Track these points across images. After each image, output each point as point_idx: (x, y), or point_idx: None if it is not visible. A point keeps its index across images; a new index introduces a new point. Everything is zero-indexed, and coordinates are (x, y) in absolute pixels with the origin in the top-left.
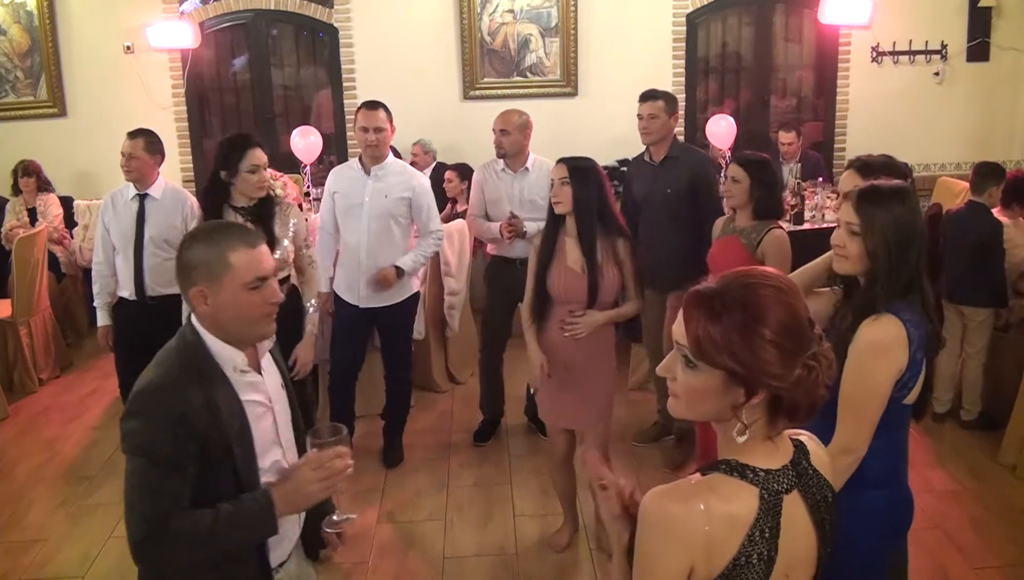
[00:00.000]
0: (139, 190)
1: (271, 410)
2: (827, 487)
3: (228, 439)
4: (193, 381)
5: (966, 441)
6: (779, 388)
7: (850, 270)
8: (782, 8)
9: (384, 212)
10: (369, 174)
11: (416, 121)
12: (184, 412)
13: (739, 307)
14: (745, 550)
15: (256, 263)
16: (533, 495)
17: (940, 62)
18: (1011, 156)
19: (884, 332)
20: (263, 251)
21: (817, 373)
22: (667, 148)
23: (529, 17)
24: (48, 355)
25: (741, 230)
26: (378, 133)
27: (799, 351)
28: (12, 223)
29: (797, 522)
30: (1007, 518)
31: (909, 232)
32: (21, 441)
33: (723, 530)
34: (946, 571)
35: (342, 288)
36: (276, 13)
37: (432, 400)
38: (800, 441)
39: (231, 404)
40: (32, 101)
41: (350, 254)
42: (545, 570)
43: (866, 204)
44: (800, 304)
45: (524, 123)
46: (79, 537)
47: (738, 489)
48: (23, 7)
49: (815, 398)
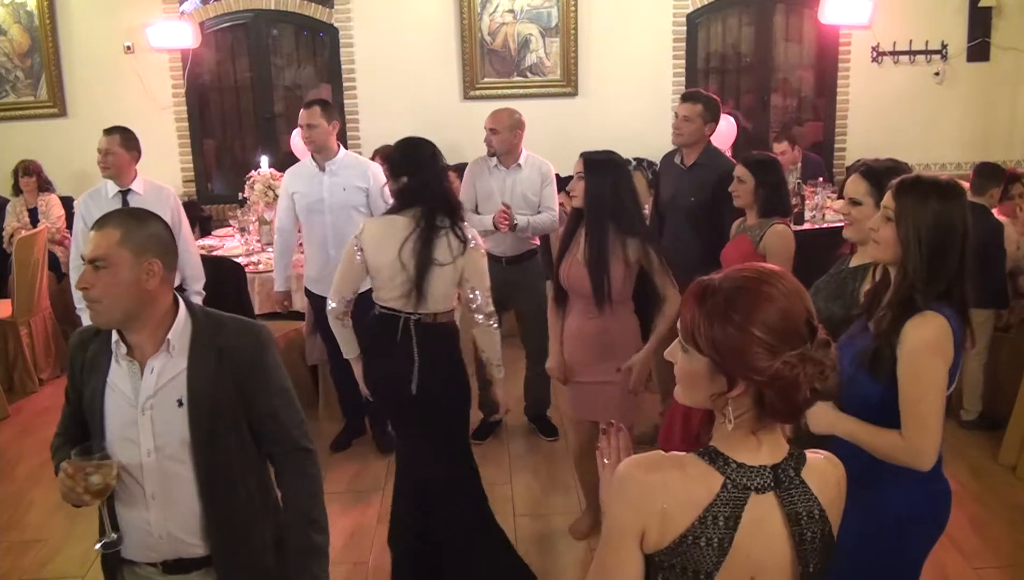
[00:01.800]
0: (120, 187)
1: (134, 408)
2: (814, 503)
3: (80, 400)
4: (92, 338)
5: (966, 441)
6: (757, 382)
7: (882, 257)
8: (782, 8)
9: (344, 204)
10: (324, 170)
11: (416, 121)
12: (72, 357)
13: (723, 297)
14: (695, 530)
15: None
16: (533, 495)
17: (940, 62)
18: (1011, 156)
19: (934, 329)
20: (92, 234)
21: (799, 373)
22: (698, 153)
23: (529, 17)
24: (48, 355)
25: (749, 228)
26: (311, 130)
27: (780, 348)
28: (13, 224)
29: (766, 525)
30: (1007, 518)
31: (947, 229)
32: (21, 441)
33: (678, 505)
34: (946, 571)
35: (314, 283)
36: (276, 13)
37: None
38: (800, 452)
39: (98, 374)
40: (32, 101)
41: (318, 250)
42: (545, 570)
43: (905, 192)
44: (795, 303)
45: (515, 122)
46: (79, 537)
47: (704, 473)
48: (23, 7)
49: (794, 398)
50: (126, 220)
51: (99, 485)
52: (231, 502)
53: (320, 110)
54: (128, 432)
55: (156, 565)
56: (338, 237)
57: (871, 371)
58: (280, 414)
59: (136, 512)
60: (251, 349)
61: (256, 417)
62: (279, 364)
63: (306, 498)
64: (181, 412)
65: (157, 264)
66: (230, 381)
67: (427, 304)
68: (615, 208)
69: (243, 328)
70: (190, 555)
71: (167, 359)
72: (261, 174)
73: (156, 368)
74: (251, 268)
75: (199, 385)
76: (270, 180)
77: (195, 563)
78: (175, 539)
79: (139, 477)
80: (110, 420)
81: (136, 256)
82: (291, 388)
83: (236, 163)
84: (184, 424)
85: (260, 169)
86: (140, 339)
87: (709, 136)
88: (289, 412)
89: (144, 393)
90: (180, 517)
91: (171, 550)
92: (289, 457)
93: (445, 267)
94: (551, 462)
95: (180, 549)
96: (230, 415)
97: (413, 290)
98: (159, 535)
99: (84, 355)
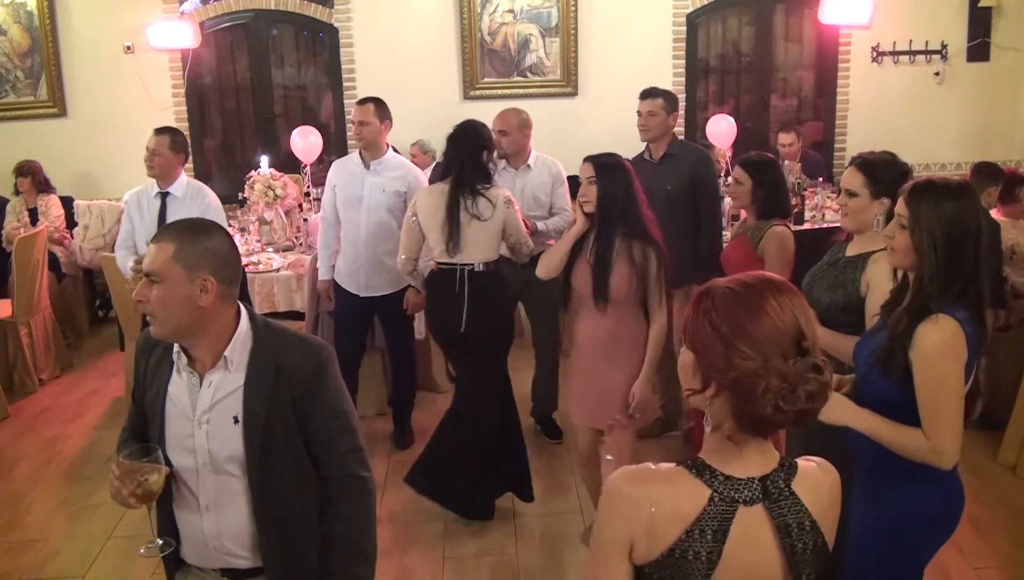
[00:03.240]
0: (161, 188)
1: (190, 421)
2: (805, 514)
3: (143, 404)
4: (157, 345)
5: (966, 441)
6: (720, 384)
7: (898, 264)
8: (782, 8)
9: (381, 205)
10: (368, 169)
11: (416, 121)
12: (138, 359)
13: (716, 299)
14: (682, 543)
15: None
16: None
17: (940, 62)
18: (1011, 156)
19: (946, 332)
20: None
21: (762, 383)
22: (666, 146)
23: (529, 17)
24: (48, 355)
25: (748, 229)
26: (362, 127)
27: (751, 356)
28: (13, 225)
29: (756, 538)
30: (1007, 518)
31: (961, 231)
32: (21, 441)
33: (666, 519)
34: (946, 571)
35: (343, 277)
36: (276, 13)
37: (432, 400)
38: (791, 462)
39: (159, 380)
40: (32, 101)
41: (350, 245)
42: (545, 570)
43: (916, 198)
44: (786, 322)
45: (523, 122)
46: (79, 537)
47: (692, 486)
48: (23, 7)
49: (754, 409)
50: (182, 235)
51: (146, 489)
52: (284, 519)
53: (374, 108)
54: (185, 442)
55: (216, 571)
56: (370, 236)
57: (884, 369)
58: (336, 438)
59: (192, 519)
60: (311, 369)
61: (311, 439)
62: (339, 385)
63: (355, 527)
64: (236, 428)
65: (211, 281)
66: (288, 400)
67: (471, 254)
68: (625, 210)
69: (304, 346)
70: (242, 566)
71: (225, 374)
72: (261, 174)
73: (214, 382)
74: (251, 268)
75: (255, 403)
76: (270, 180)
77: (249, 572)
78: (226, 550)
79: (194, 487)
80: (169, 428)
81: (189, 272)
82: (349, 410)
83: (236, 163)
84: (239, 440)
85: (260, 169)
86: (200, 353)
87: (673, 126)
88: (345, 436)
89: (201, 407)
90: (232, 529)
91: (223, 559)
92: (342, 483)
93: (485, 223)
94: (552, 462)
95: (230, 560)
96: (285, 434)
97: (451, 242)
98: (213, 545)
99: (148, 359)
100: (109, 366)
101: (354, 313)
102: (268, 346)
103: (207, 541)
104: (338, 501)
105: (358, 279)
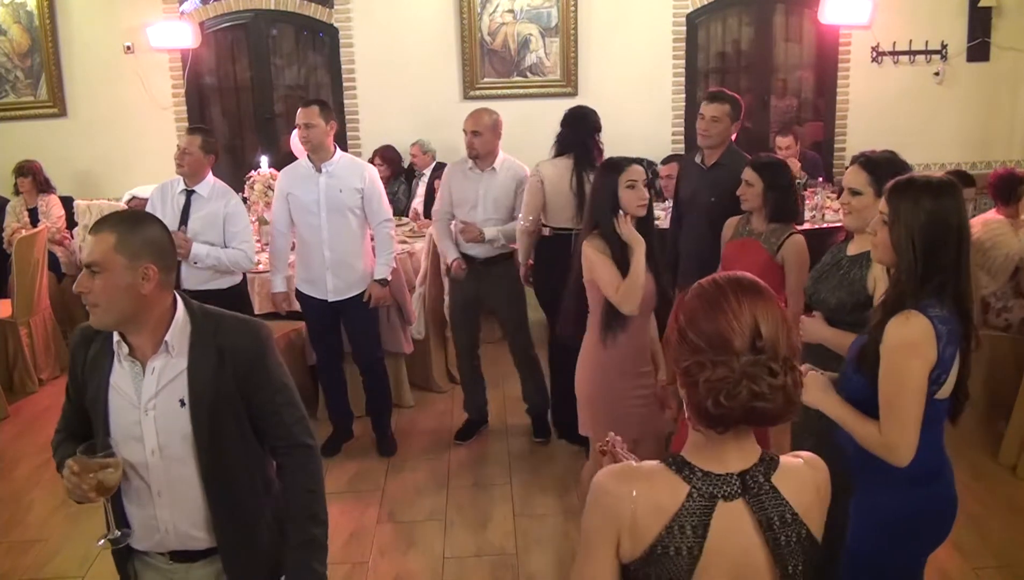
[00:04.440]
0: (188, 186)
1: (136, 409)
2: (786, 507)
3: (82, 397)
4: (95, 336)
5: (966, 441)
6: (672, 372)
7: (880, 259)
8: (782, 8)
9: (340, 206)
10: (320, 172)
11: (416, 121)
12: (74, 353)
13: (692, 294)
14: (664, 540)
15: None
16: (533, 495)
17: (940, 62)
18: (1011, 156)
19: (912, 330)
20: (89, 239)
21: (706, 377)
22: (720, 154)
23: (529, 17)
24: (48, 355)
25: (760, 234)
26: (308, 129)
27: (699, 348)
28: (13, 225)
29: (737, 532)
30: (1007, 518)
31: (940, 228)
32: (21, 441)
33: (647, 516)
34: (946, 571)
35: (306, 284)
36: (276, 13)
37: (432, 400)
38: (771, 455)
39: (99, 374)
40: (32, 101)
41: (311, 251)
42: (545, 570)
43: (896, 194)
44: (743, 321)
45: (494, 123)
46: (79, 537)
47: (671, 483)
48: (23, 7)
49: (696, 401)
50: (120, 225)
51: (105, 483)
52: (235, 497)
53: (319, 110)
54: (132, 431)
55: (164, 554)
56: (334, 239)
57: (858, 365)
58: (281, 411)
59: (143, 508)
60: (251, 347)
61: (257, 414)
62: (279, 361)
63: (306, 493)
64: (183, 412)
65: (152, 269)
66: (231, 379)
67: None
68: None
69: (242, 326)
70: (196, 547)
71: (167, 359)
72: (261, 174)
73: (157, 369)
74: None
75: (200, 385)
76: (270, 180)
77: (202, 553)
78: (181, 533)
79: (145, 475)
80: (114, 419)
81: (131, 261)
82: (291, 385)
83: (236, 163)
84: (187, 423)
85: (260, 169)
86: (140, 340)
87: (733, 135)
88: (290, 408)
89: (146, 394)
90: (186, 512)
91: (178, 542)
92: (291, 453)
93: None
94: (551, 462)
95: (187, 542)
96: (231, 413)
97: (580, 211)
98: (166, 529)
99: (86, 353)
100: None
101: (324, 317)
102: (207, 329)
103: (160, 525)
104: (290, 471)
105: (324, 284)
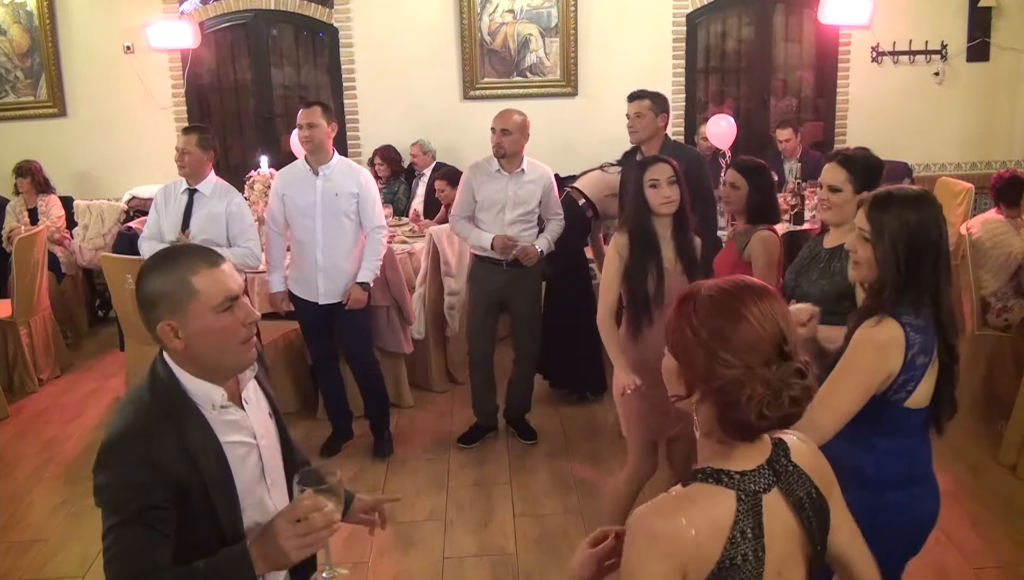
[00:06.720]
0: (190, 185)
1: (256, 447)
2: (809, 483)
3: (206, 488)
4: (165, 427)
5: (966, 441)
6: (704, 392)
7: (862, 277)
8: (782, 8)
9: (335, 210)
10: (317, 174)
11: (416, 121)
12: (155, 464)
13: (698, 305)
14: (728, 553)
15: (222, 282)
16: (533, 495)
17: (940, 62)
18: (1011, 156)
19: (881, 332)
20: (226, 270)
21: (748, 393)
22: (658, 147)
23: (529, 17)
24: (48, 355)
25: (736, 234)
26: (310, 129)
27: (734, 364)
28: (13, 225)
29: (780, 520)
30: (1007, 518)
31: (922, 241)
32: (21, 441)
33: (709, 538)
34: (946, 571)
35: (298, 285)
36: (276, 13)
37: (432, 400)
38: (780, 438)
39: (209, 449)
40: (32, 101)
41: (305, 253)
42: (545, 570)
43: (877, 210)
44: (768, 327)
45: (523, 123)
46: (79, 537)
47: (716, 495)
48: (23, 7)
49: (740, 417)
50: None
51: (333, 516)
52: None
53: (320, 110)
54: (254, 473)
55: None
56: (328, 242)
57: (832, 367)
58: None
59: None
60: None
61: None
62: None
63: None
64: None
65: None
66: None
67: None
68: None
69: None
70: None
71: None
72: (261, 174)
73: (251, 399)
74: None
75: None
76: (270, 180)
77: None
78: None
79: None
80: (240, 478)
81: (151, 327)
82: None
83: (236, 163)
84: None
85: (260, 169)
86: (229, 384)
87: (664, 127)
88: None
89: (258, 426)
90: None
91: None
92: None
93: None
94: (551, 462)
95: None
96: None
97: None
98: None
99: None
100: (109, 366)
101: (317, 319)
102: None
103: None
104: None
105: (316, 287)
